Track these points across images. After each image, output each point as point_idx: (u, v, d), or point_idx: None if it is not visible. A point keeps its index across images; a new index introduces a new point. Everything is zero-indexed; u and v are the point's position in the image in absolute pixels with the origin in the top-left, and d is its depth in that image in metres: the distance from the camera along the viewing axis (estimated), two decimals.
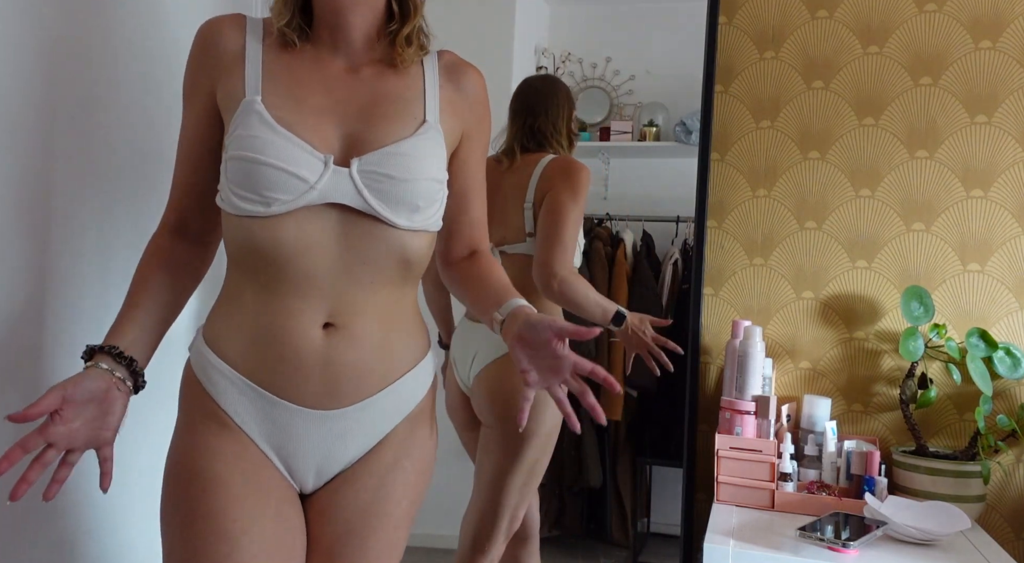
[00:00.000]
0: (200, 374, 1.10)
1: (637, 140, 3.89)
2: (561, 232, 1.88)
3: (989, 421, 1.91)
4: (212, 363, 1.09)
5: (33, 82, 1.26)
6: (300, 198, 1.03)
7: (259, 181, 1.03)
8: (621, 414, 3.48)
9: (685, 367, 2.17)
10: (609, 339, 3.52)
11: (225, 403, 1.08)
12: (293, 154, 1.03)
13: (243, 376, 1.08)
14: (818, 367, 2.12)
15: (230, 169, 1.04)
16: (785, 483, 1.82)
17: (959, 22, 2.06)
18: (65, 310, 1.35)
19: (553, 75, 2.61)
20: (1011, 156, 2.02)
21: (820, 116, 2.14)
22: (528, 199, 1.97)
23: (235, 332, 1.09)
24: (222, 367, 1.08)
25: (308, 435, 1.09)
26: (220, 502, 1.03)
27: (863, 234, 2.11)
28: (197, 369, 1.11)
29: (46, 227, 1.31)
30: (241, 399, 1.08)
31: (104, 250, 1.45)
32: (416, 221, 1.08)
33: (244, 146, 1.03)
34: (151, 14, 1.54)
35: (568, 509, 3.37)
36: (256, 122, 1.04)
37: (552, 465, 2.37)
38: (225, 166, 1.06)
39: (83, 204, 1.39)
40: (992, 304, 2.02)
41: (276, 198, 1.03)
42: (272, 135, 1.04)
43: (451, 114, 1.17)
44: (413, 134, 1.10)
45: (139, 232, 1.55)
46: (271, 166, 1.02)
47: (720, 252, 2.20)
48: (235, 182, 1.04)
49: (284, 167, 1.02)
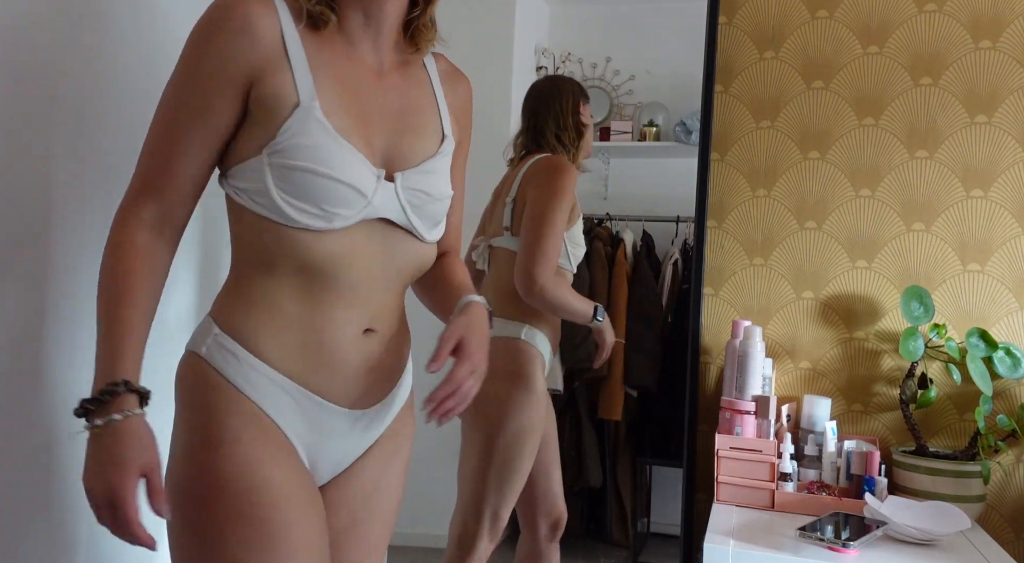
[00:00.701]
0: (236, 376, 1.04)
1: (637, 140, 3.89)
2: (541, 239, 1.94)
3: (989, 421, 1.91)
4: (253, 365, 1.04)
5: (33, 82, 1.26)
6: (359, 213, 1.04)
7: (324, 195, 1.00)
8: (621, 414, 3.48)
9: (685, 367, 2.17)
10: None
11: (268, 405, 1.04)
12: (356, 169, 1.03)
13: (288, 378, 1.05)
14: (818, 367, 2.12)
15: (287, 179, 1.00)
16: (785, 483, 1.82)
17: (959, 22, 2.06)
18: (65, 312, 1.35)
19: (558, 75, 2.64)
20: (1011, 156, 2.02)
21: (820, 116, 2.14)
22: (510, 195, 2.05)
23: (277, 337, 1.05)
24: (264, 369, 1.04)
25: (342, 434, 1.11)
26: (292, 514, 1.01)
27: (863, 234, 2.11)
28: (230, 372, 1.04)
29: (46, 228, 1.31)
30: (286, 400, 1.05)
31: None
32: (434, 235, 1.15)
33: (309, 157, 1.00)
34: (151, 13, 1.54)
35: (568, 509, 3.37)
36: (318, 131, 1.01)
37: None
38: (275, 172, 1.00)
39: (83, 205, 1.39)
40: (992, 304, 2.02)
41: (338, 213, 1.02)
42: (337, 147, 1.02)
43: (454, 123, 1.21)
44: (438, 152, 1.15)
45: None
46: (339, 181, 1.01)
47: (720, 252, 2.20)
48: (292, 193, 1.00)
49: (349, 182, 1.02)
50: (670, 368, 3.42)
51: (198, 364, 1.06)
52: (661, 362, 3.47)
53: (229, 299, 1.08)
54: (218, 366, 1.04)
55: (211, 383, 1.04)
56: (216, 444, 1.01)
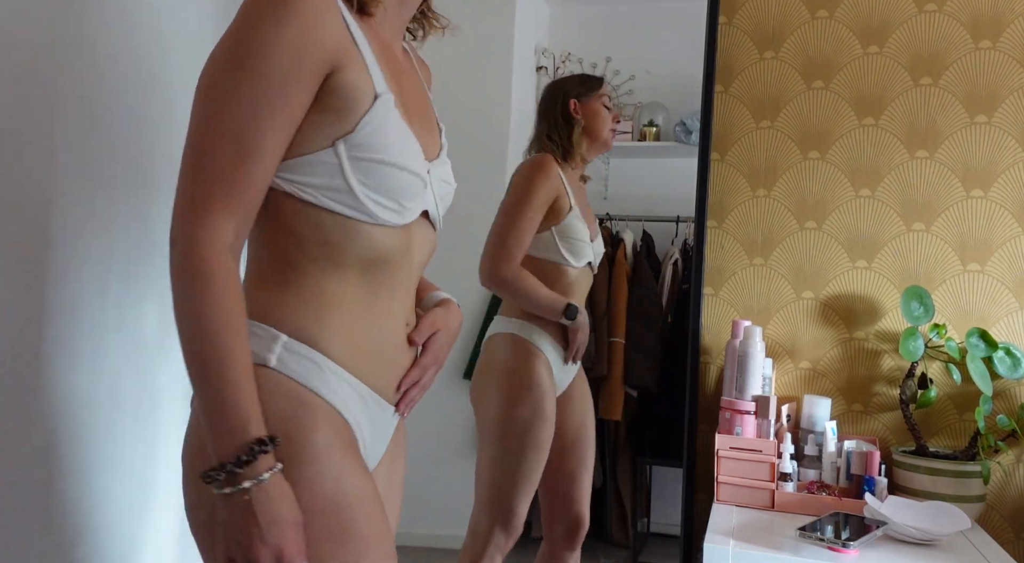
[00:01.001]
0: (319, 385, 0.97)
1: (637, 140, 3.89)
2: (500, 230, 2.02)
3: (989, 421, 1.91)
4: (334, 371, 0.99)
5: (33, 82, 1.26)
6: (420, 205, 1.04)
7: (403, 190, 1.00)
8: (621, 414, 3.48)
9: (685, 367, 2.17)
10: (609, 339, 3.52)
11: (347, 411, 1.00)
12: (420, 162, 1.03)
13: (360, 380, 1.02)
14: (818, 367, 2.12)
15: (370, 173, 0.96)
16: (785, 483, 1.82)
17: (959, 22, 2.06)
18: (65, 312, 1.35)
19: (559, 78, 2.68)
20: (1011, 156, 2.02)
21: (820, 116, 2.14)
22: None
23: (343, 337, 1.00)
24: (342, 374, 0.99)
25: (388, 430, 1.11)
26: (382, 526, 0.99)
27: (863, 234, 2.11)
28: (312, 381, 0.97)
29: (46, 228, 1.31)
30: (361, 405, 1.02)
31: (105, 252, 1.45)
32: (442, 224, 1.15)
33: (390, 152, 0.97)
34: (151, 12, 1.54)
35: None
36: (395, 124, 0.99)
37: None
38: (355, 166, 0.95)
39: (84, 207, 1.39)
40: (992, 304, 2.02)
41: (410, 207, 1.02)
42: (411, 141, 1.01)
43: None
44: (442, 143, 1.16)
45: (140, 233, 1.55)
46: (415, 175, 1.01)
47: (720, 252, 2.20)
48: (374, 188, 0.97)
49: (419, 174, 1.02)
50: (670, 368, 3.42)
51: (269, 377, 0.95)
52: (661, 362, 3.47)
53: (288, 301, 0.99)
54: (297, 376, 0.96)
55: (291, 395, 0.96)
56: (307, 460, 0.94)
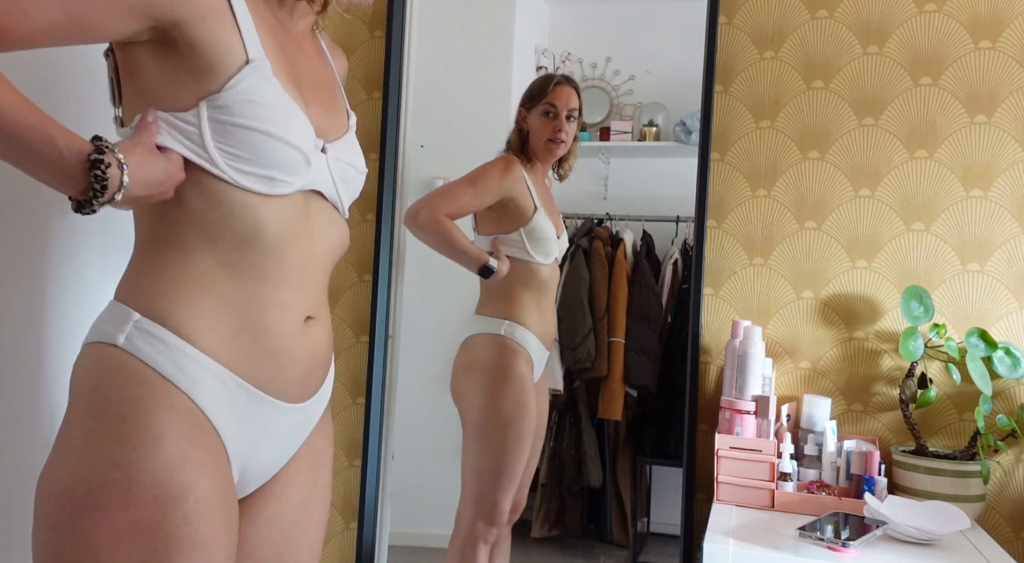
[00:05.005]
0: (167, 366, 0.90)
1: (637, 140, 3.88)
2: (440, 191, 2.12)
3: (989, 421, 1.91)
4: (187, 353, 0.91)
5: (33, 81, 1.26)
6: (300, 180, 0.99)
7: (272, 159, 0.94)
8: (621, 414, 3.48)
9: (685, 367, 2.17)
10: (609, 339, 3.52)
11: (203, 399, 0.92)
12: (305, 135, 0.98)
13: (227, 369, 0.94)
14: (818, 367, 2.12)
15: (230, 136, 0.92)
16: (785, 483, 1.82)
17: (959, 22, 2.06)
18: (65, 311, 1.35)
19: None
20: (1011, 156, 2.02)
21: (820, 116, 2.14)
22: None
23: (212, 321, 0.94)
24: (200, 358, 0.92)
25: (280, 432, 1.02)
26: (202, 533, 0.87)
27: (863, 234, 2.11)
28: (159, 361, 0.90)
29: (46, 227, 1.31)
30: (224, 394, 0.94)
31: (105, 251, 1.45)
32: (347, 212, 1.11)
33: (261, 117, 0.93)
34: None
35: (568, 509, 3.37)
36: (272, 92, 0.95)
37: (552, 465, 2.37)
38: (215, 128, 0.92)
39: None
40: (992, 304, 2.02)
41: (282, 179, 0.96)
42: (291, 111, 0.97)
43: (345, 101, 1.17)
44: (349, 126, 1.12)
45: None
46: (291, 145, 0.96)
47: (720, 252, 2.20)
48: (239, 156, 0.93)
49: (300, 147, 0.97)
50: (670, 368, 3.42)
51: (114, 356, 0.90)
52: (661, 362, 3.47)
53: (146, 280, 0.95)
54: (143, 356, 0.90)
55: (135, 375, 0.89)
56: (134, 443, 0.86)
